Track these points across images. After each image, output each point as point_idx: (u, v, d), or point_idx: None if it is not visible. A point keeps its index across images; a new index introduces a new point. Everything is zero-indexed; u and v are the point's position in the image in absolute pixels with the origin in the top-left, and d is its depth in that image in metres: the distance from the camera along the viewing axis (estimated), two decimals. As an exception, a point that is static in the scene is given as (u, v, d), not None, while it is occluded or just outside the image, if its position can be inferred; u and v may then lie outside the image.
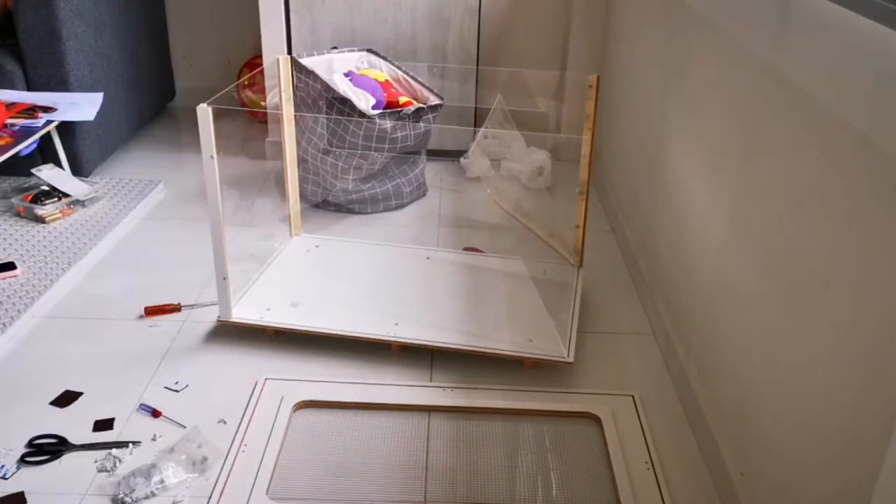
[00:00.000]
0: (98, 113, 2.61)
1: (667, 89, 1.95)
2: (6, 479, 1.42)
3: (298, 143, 2.41)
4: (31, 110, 2.40)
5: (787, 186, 1.24)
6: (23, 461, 1.46)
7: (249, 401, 1.63)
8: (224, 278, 1.78)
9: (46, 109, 2.42)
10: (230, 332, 1.84)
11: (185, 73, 3.36)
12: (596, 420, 1.60)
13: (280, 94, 2.04)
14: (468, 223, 2.45)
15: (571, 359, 1.75)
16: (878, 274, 0.97)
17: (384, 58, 2.57)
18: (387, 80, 2.50)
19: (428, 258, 2.16)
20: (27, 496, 1.39)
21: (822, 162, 1.13)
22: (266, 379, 1.69)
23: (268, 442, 1.51)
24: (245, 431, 1.54)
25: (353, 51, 2.61)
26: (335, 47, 2.68)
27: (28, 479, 1.43)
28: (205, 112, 1.61)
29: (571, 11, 2.80)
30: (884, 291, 0.95)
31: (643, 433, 1.56)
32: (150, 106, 3.12)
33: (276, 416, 1.58)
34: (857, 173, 1.03)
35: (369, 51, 2.60)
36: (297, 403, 1.62)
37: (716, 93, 1.60)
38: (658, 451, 1.53)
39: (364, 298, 1.95)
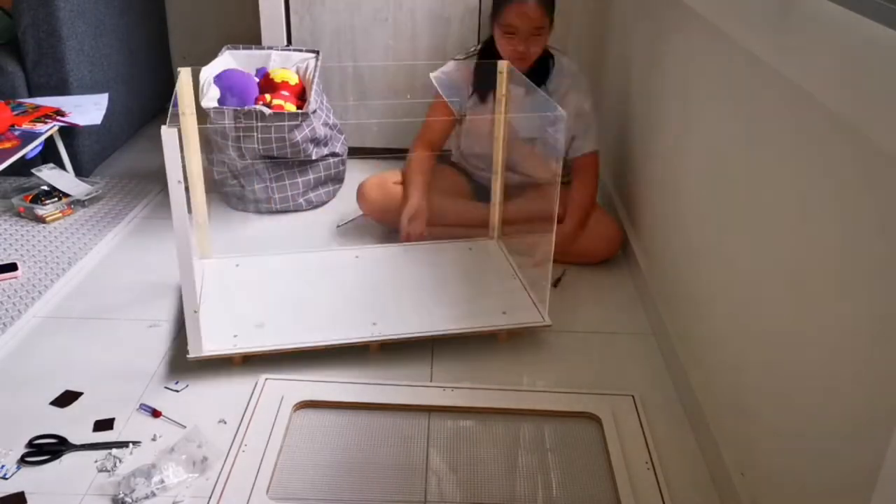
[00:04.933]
0: (99, 112, 2.62)
1: (666, 87, 1.95)
2: (6, 479, 1.42)
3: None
4: (48, 116, 2.41)
5: (788, 186, 1.24)
6: (23, 461, 1.46)
7: (249, 401, 1.63)
8: (195, 311, 1.64)
9: (60, 113, 2.42)
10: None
11: (185, 73, 3.36)
12: (596, 420, 1.60)
13: (183, 109, 1.86)
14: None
15: (549, 321, 1.81)
16: (879, 273, 0.97)
17: (317, 64, 2.56)
18: (289, 84, 2.48)
19: (357, 257, 2.13)
20: (27, 496, 1.39)
21: (821, 162, 1.13)
22: (266, 379, 1.69)
23: (268, 442, 1.51)
24: (245, 431, 1.54)
25: (301, 50, 2.63)
26: (271, 46, 2.68)
27: (28, 479, 1.43)
28: (170, 135, 1.45)
29: (571, 11, 2.80)
30: (885, 291, 0.95)
31: (643, 433, 1.56)
32: (150, 106, 3.12)
33: (276, 416, 1.58)
34: (857, 174, 1.03)
35: (316, 54, 2.62)
36: (297, 403, 1.62)
37: (716, 91, 1.59)
38: (658, 451, 1.53)
39: (327, 305, 1.90)
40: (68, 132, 2.49)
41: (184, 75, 1.83)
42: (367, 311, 1.87)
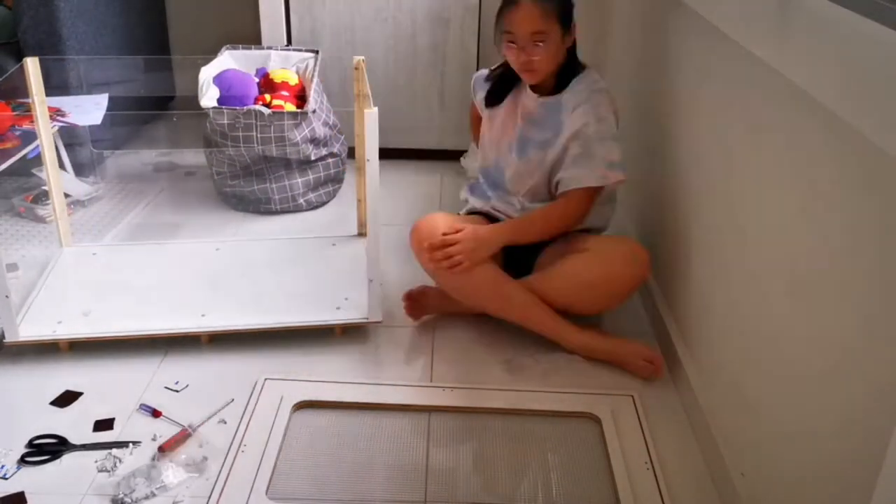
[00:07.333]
0: (99, 112, 2.61)
1: (667, 87, 1.95)
2: (6, 479, 1.42)
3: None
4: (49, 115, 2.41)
5: (789, 187, 1.24)
6: (23, 461, 1.46)
7: (249, 401, 1.63)
8: (7, 297, 1.67)
9: (60, 113, 2.42)
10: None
11: (185, 73, 3.35)
12: (596, 420, 1.60)
13: (32, 97, 1.93)
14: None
15: (378, 318, 1.81)
16: (880, 275, 0.97)
17: (316, 64, 2.57)
18: (289, 84, 2.47)
19: (217, 249, 2.13)
20: (27, 496, 1.39)
21: (822, 162, 1.13)
22: (266, 379, 1.69)
23: (267, 442, 1.51)
24: (245, 431, 1.54)
25: (301, 50, 2.63)
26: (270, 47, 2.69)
27: (28, 479, 1.43)
28: None
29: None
30: (886, 293, 0.95)
31: (643, 433, 1.56)
32: (149, 106, 3.12)
33: (276, 416, 1.58)
34: (857, 174, 1.03)
35: (315, 53, 2.63)
36: (297, 403, 1.62)
37: (716, 90, 1.59)
38: (658, 451, 1.53)
39: (162, 296, 1.90)
40: (68, 132, 2.49)
41: (30, 65, 1.89)
42: (198, 302, 1.87)
